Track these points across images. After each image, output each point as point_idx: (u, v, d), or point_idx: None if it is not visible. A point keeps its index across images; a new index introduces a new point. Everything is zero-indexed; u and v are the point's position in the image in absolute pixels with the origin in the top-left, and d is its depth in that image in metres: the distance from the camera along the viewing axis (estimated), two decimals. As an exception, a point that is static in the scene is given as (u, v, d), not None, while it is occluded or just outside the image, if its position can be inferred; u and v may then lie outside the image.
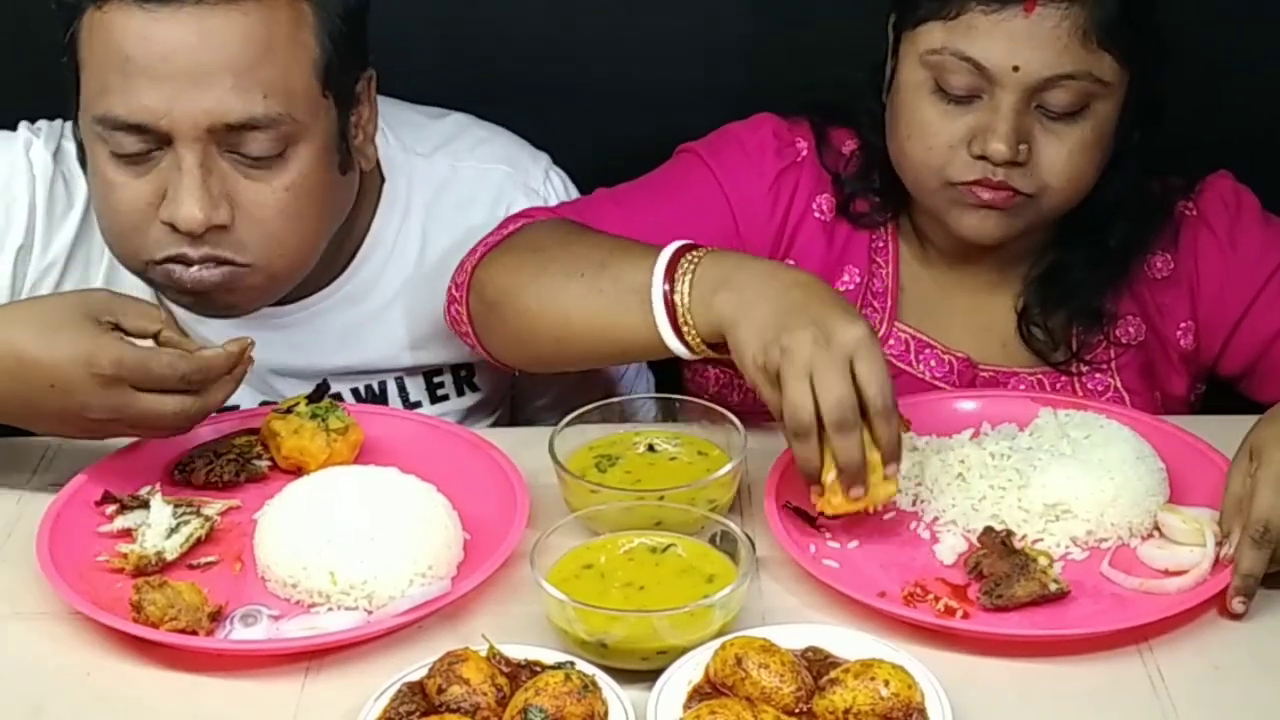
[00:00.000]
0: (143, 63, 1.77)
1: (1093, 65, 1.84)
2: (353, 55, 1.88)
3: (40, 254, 1.98)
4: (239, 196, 1.82)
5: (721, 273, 1.74)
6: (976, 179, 1.87)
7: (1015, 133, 1.84)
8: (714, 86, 2.36)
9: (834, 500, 1.68)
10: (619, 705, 1.49)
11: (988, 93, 1.85)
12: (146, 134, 1.79)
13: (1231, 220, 2.03)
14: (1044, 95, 1.85)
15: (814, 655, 1.55)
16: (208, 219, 1.80)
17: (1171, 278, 2.03)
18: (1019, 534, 1.72)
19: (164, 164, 1.81)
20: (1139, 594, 1.67)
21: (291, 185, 1.84)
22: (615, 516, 1.69)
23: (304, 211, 1.86)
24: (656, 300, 1.76)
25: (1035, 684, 1.58)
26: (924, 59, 1.87)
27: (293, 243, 1.87)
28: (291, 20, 1.81)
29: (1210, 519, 1.72)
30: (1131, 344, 2.04)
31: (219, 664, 1.60)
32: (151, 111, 1.78)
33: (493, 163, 2.09)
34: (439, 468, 1.80)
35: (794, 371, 1.64)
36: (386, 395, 2.10)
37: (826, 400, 1.63)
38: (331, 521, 1.68)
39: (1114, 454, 1.77)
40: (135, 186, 1.82)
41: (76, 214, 1.99)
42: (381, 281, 2.05)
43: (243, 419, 1.93)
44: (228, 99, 1.78)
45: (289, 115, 1.81)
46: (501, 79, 2.27)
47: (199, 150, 1.79)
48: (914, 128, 1.90)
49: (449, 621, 1.65)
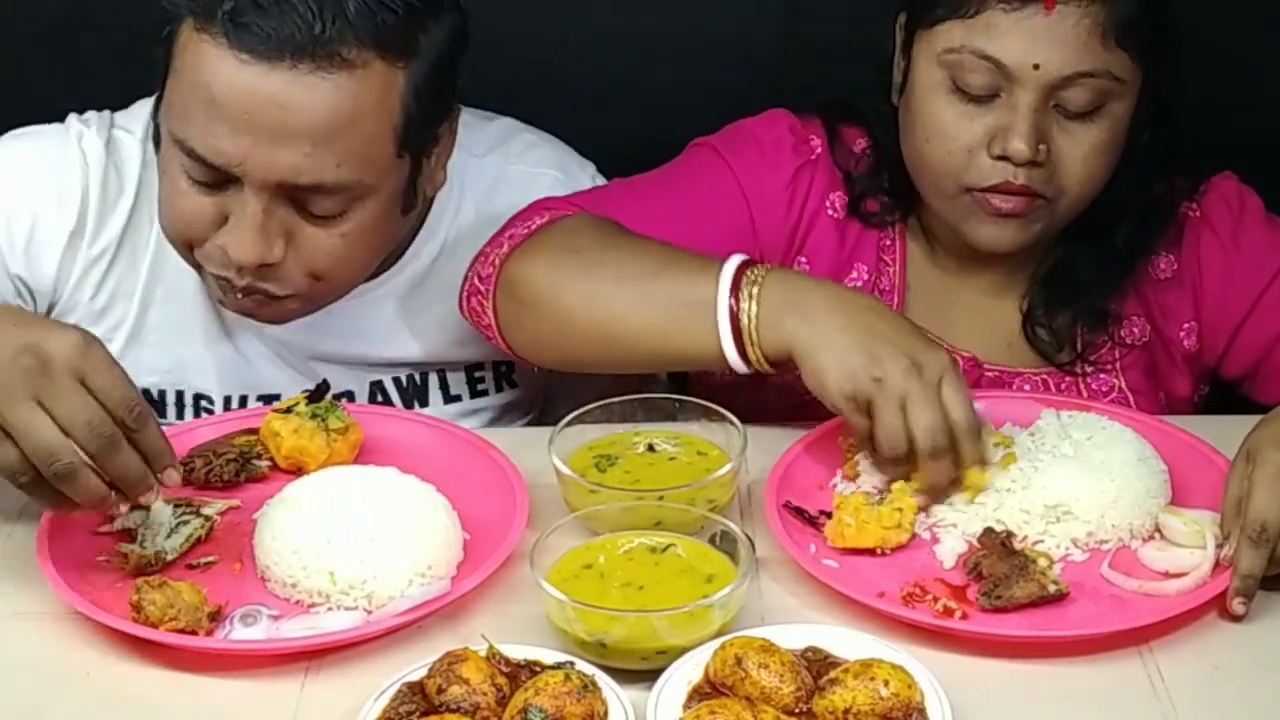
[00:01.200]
0: (227, 110, 1.77)
1: (1111, 63, 1.84)
2: (438, 107, 1.88)
3: (91, 242, 1.99)
4: (295, 237, 1.84)
5: (788, 294, 1.76)
6: (996, 184, 1.86)
7: (1035, 131, 1.84)
8: (721, 85, 2.35)
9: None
10: (619, 705, 1.49)
11: (1006, 91, 1.85)
12: (219, 170, 1.81)
13: (1234, 221, 2.03)
14: (1062, 94, 1.85)
15: (814, 655, 1.55)
16: (261, 259, 1.83)
17: (1175, 279, 2.03)
18: (1019, 535, 1.72)
19: (230, 194, 1.83)
20: (1139, 595, 1.67)
21: (349, 233, 1.86)
22: (615, 516, 1.69)
23: (355, 254, 1.89)
24: (722, 316, 1.76)
25: (1035, 684, 1.58)
26: (941, 58, 1.87)
27: (338, 279, 1.91)
28: (381, 88, 1.80)
29: (1211, 521, 1.71)
30: (1136, 344, 2.04)
31: (219, 664, 1.60)
32: (227, 157, 1.79)
33: (542, 167, 2.10)
34: (439, 468, 1.80)
35: (888, 403, 1.69)
36: (428, 387, 2.11)
37: (919, 428, 1.69)
38: (331, 521, 1.68)
39: (1115, 455, 1.77)
40: (200, 202, 1.84)
41: (127, 203, 2.00)
42: (430, 277, 2.06)
43: (243, 419, 1.93)
44: (301, 163, 1.79)
45: (359, 181, 1.82)
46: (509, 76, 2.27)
47: (265, 198, 1.81)
48: (932, 130, 1.89)
49: (449, 621, 1.65)
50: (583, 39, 2.37)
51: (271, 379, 2.05)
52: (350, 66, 1.77)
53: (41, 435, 1.55)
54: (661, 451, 1.82)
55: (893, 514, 1.71)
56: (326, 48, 1.76)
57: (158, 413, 2.04)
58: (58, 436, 1.56)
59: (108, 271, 2.00)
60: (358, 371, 2.08)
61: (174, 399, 2.06)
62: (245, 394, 2.06)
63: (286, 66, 1.76)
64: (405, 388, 2.10)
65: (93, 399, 1.57)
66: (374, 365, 2.08)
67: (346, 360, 2.07)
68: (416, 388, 2.11)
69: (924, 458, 1.70)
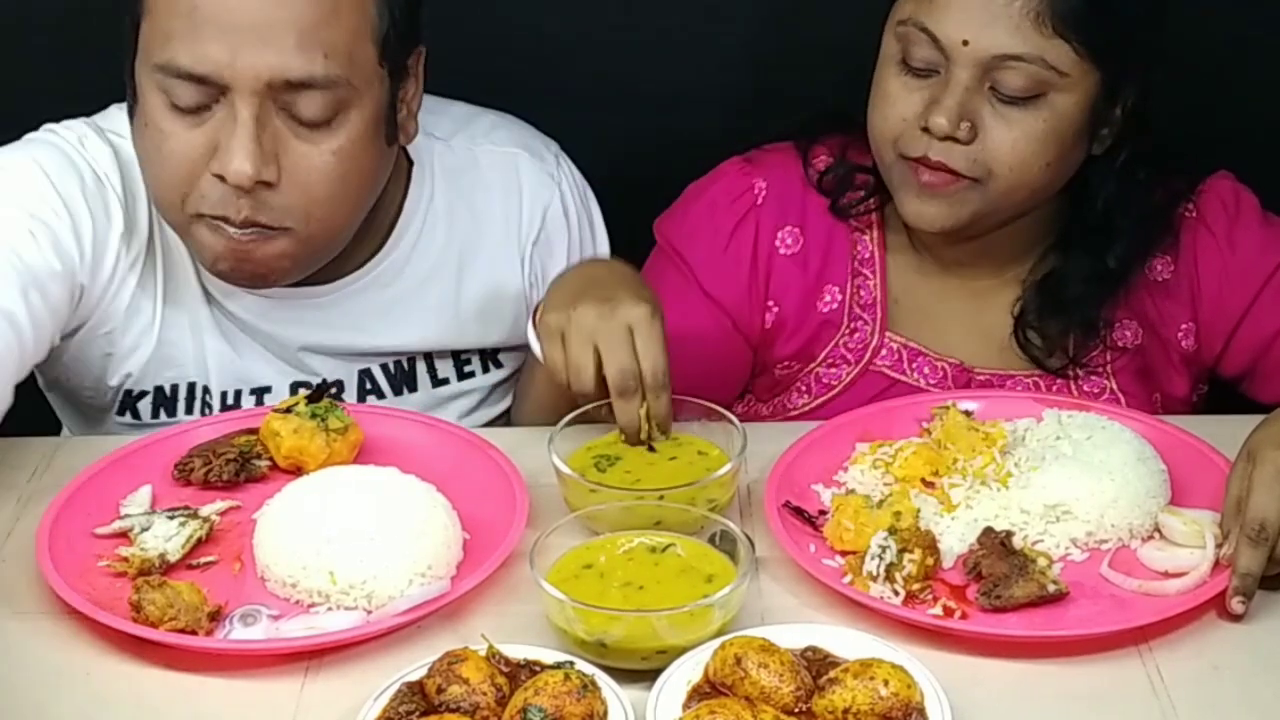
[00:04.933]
0: (209, 12, 1.79)
1: (1046, 51, 1.85)
2: (409, 28, 1.91)
3: (130, 245, 1.98)
4: (287, 158, 1.84)
5: None
6: (921, 154, 1.89)
7: (959, 108, 1.86)
8: (719, 87, 2.36)
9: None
10: (618, 705, 1.49)
11: (944, 68, 1.87)
12: (206, 85, 1.81)
13: (1230, 221, 2.03)
14: (996, 75, 1.86)
15: (813, 655, 1.55)
16: (257, 173, 1.82)
17: (1172, 280, 2.04)
18: (1019, 535, 1.72)
19: (218, 116, 1.83)
20: (1138, 595, 1.67)
21: (339, 150, 1.86)
22: (615, 516, 1.69)
23: (348, 177, 1.89)
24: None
25: (1035, 684, 1.58)
26: (895, 30, 1.91)
27: (331, 208, 1.90)
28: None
29: (1211, 521, 1.71)
30: (1128, 348, 2.04)
31: (219, 664, 1.60)
32: (214, 62, 1.80)
33: (509, 147, 2.12)
34: (439, 468, 1.80)
35: (575, 337, 1.79)
36: (415, 373, 2.12)
37: (609, 367, 1.78)
38: (331, 521, 1.68)
39: (1115, 455, 1.77)
40: (188, 137, 1.84)
41: (144, 205, 1.99)
42: (410, 264, 2.06)
43: (243, 419, 1.93)
44: (290, 56, 1.80)
45: (346, 79, 1.84)
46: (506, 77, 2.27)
47: (255, 105, 1.81)
48: (878, 98, 1.93)
49: (448, 621, 1.65)
50: (583, 39, 2.36)
51: (262, 373, 2.06)
52: None
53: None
54: (661, 451, 1.82)
55: (891, 517, 1.71)
56: None
57: (169, 412, 2.05)
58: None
59: (142, 271, 2.00)
60: (346, 361, 2.08)
61: (185, 393, 2.06)
62: (239, 388, 2.06)
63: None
64: (393, 374, 2.11)
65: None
66: (362, 355, 2.09)
67: (335, 351, 2.07)
68: (404, 374, 2.11)
69: (614, 394, 1.77)
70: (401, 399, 2.10)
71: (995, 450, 1.81)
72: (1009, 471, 1.77)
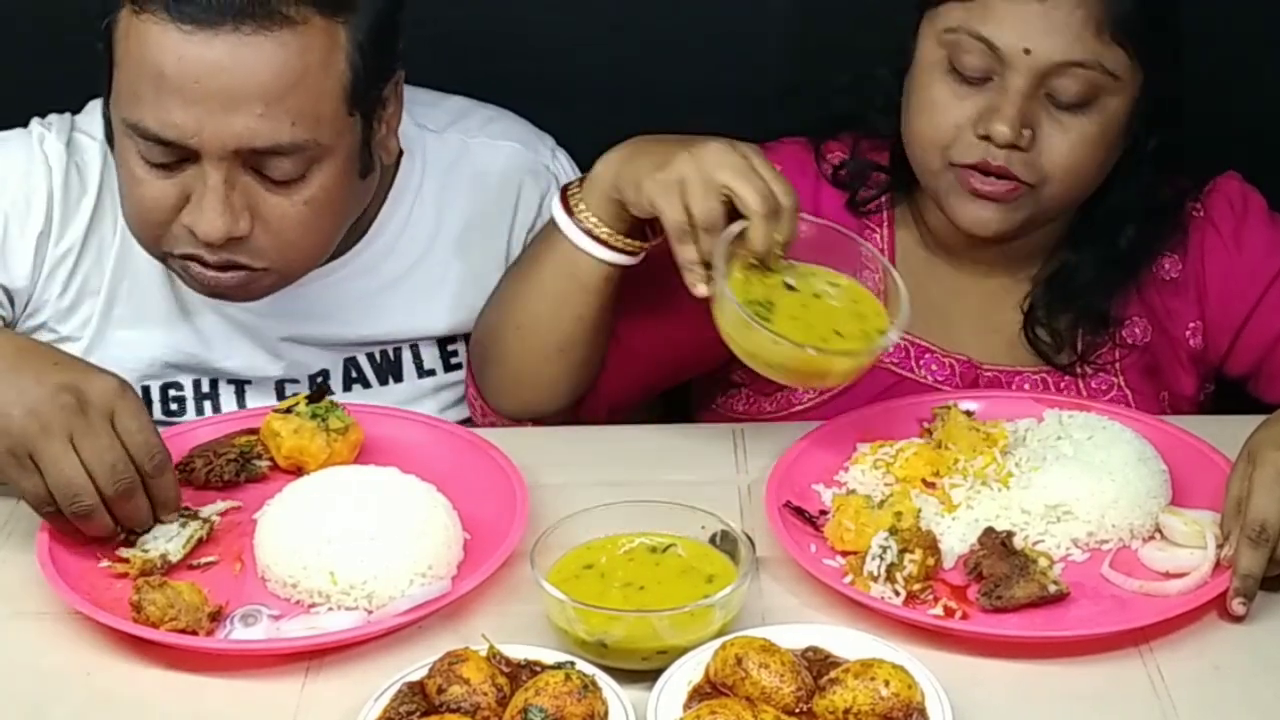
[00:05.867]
0: (176, 82, 1.78)
1: (1104, 56, 1.85)
2: (381, 65, 1.89)
3: (57, 241, 2.00)
4: (260, 209, 1.85)
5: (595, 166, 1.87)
6: (977, 161, 1.88)
7: (1020, 116, 1.85)
8: (724, 85, 2.35)
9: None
10: (619, 705, 1.49)
11: (998, 75, 1.87)
12: (174, 148, 1.81)
13: (1237, 220, 2.03)
14: (1053, 82, 1.86)
15: (814, 655, 1.55)
16: (228, 232, 1.83)
17: (1180, 279, 2.04)
18: (1020, 535, 1.72)
19: (189, 172, 1.83)
20: (1139, 595, 1.67)
21: (311, 199, 1.86)
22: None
23: (321, 221, 1.89)
24: (567, 227, 1.86)
25: (1035, 684, 1.58)
26: (941, 38, 1.89)
27: (308, 247, 1.91)
28: (324, 47, 1.81)
29: (1212, 521, 1.71)
30: (1137, 345, 2.04)
31: (219, 664, 1.60)
32: (181, 130, 1.79)
33: (503, 139, 2.12)
34: (439, 468, 1.80)
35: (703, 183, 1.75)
36: (401, 362, 2.12)
37: (750, 196, 1.74)
38: (331, 521, 1.68)
39: (1116, 455, 1.77)
40: (160, 186, 1.84)
41: (89, 202, 2.00)
42: (395, 252, 2.06)
43: (243, 419, 1.93)
44: (256, 125, 1.79)
45: (314, 140, 1.83)
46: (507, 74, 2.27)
47: (224, 168, 1.81)
48: (924, 104, 1.91)
49: (449, 621, 1.65)
50: (584, 37, 2.36)
51: (240, 366, 2.05)
52: (292, 23, 1.78)
53: (67, 474, 1.65)
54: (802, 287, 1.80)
55: (892, 517, 1.71)
56: (266, 6, 1.77)
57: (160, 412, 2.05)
58: (82, 476, 1.65)
59: (74, 270, 2.01)
60: (330, 351, 2.08)
61: (141, 394, 2.05)
62: (215, 379, 2.06)
63: (229, 30, 1.77)
64: (379, 363, 2.11)
65: (119, 444, 1.67)
66: (346, 344, 2.09)
67: (318, 340, 2.07)
68: (390, 363, 2.11)
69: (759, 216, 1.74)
70: (387, 389, 2.10)
71: (996, 450, 1.81)
72: (1010, 472, 1.77)
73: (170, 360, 2.04)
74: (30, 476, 1.66)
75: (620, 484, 1.79)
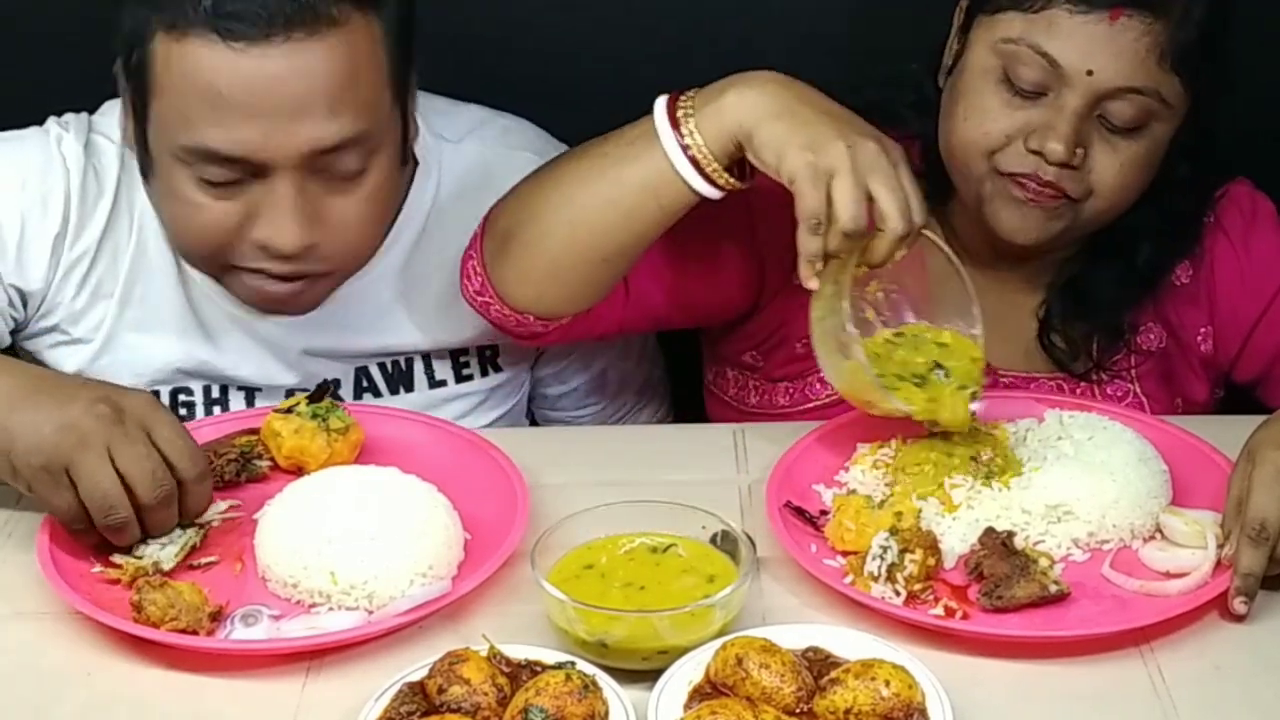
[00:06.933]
0: (237, 99, 1.78)
1: (1162, 84, 1.84)
2: (407, 51, 1.91)
3: (73, 243, 1.99)
4: (325, 214, 1.86)
5: (713, 97, 1.78)
6: (1029, 172, 1.86)
7: (1075, 135, 1.83)
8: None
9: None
10: (619, 705, 1.49)
11: (1055, 91, 1.84)
12: (241, 164, 1.82)
13: (1247, 226, 2.03)
14: (1108, 105, 1.84)
15: (814, 655, 1.55)
16: (305, 241, 1.85)
17: (1191, 285, 2.03)
18: (1020, 535, 1.72)
19: (254, 189, 1.84)
20: (1140, 595, 1.67)
21: (371, 193, 1.89)
22: None
23: (380, 215, 1.93)
24: (660, 119, 1.79)
25: (1036, 684, 1.58)
26: (998, 46, 1.86)
27: (367, 244, 1.95)
28: (367, 38, 1.83)
29: (1213, 522, 1.71)
30: (1152, 351, 2.04)
31: (220, 664, 1.60)
32: (249, 145, 1.80)
33: (520, 150, 2.11)
34: (439, 468, 1.80)
35: (852, 178, 1.70)
36: (413, 373, 2.12)
37: (889, 204, 1.71)
38: (332, 521, 1.68)
39: (1117, 455, 1.77)
40: (222, 208, 1.85)
41: (106, 204, 2.00)
42: (411, 263, 2.06)
43: (244, 419, 1.93)
44: (323, 126, 1.81)
45: (373, 130, 1.85)
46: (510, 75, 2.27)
47: (294, 177, 1.82)
48: (973, 110, 1.89)
49: (449, 621, 1.65)
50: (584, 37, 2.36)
51: (251, 373, 2.05)
52: (336, 23, 1.80)
53: (104, 486, 1.64)
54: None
55: (892, 517, 1.71)
56: (313, 11, 1.78)
57: None
58: (118, 488, 1.65)
59: (88, 272, 2.00)
60: (344, 362, 2.09)
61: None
62: (225, 384, 2.06)
63: (282, 40, 1.77)
64: (390, 374, 2.11)
65: (157, 452, 1.67)
66: (360, 355, 2.09)
67: (336, 352, 2.07)
68: (401, 373, 2.11)
69: (893, 231, 1.73)
70: (398, 399, 2.10)
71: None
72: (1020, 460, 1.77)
73: (181, 366, 2.04)
74: (63, 493, 1.65)
75: (621, 484, 1.79)
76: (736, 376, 2.12)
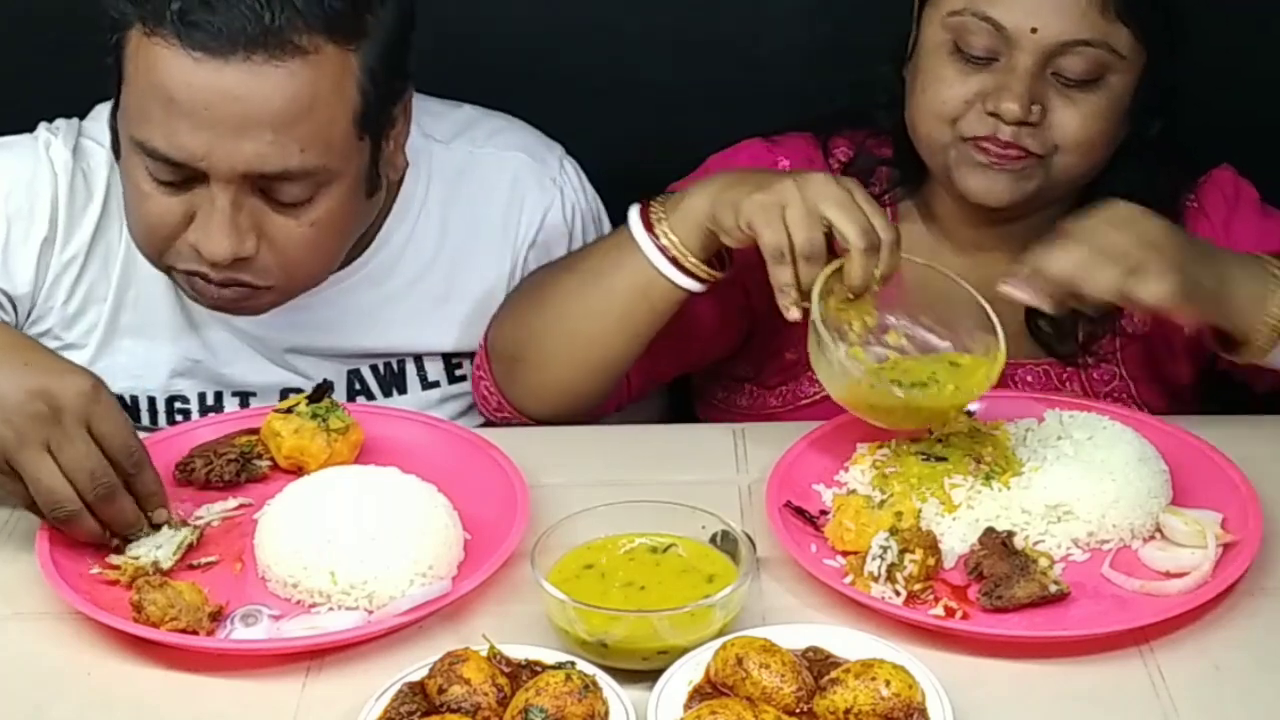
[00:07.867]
0: (186, 107, 1.78)
1: (1109, 35, 1.88)
2: (392, 87, 1.88)
3: (62, 248, 2.00)
4: (266, 229, 1.85)
5: (683, 193, 1.88)
6: (987, 134, 1.90)
7: (1029, 94, 1.88)
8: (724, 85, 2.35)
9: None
10: (619, 705, 1.49)
11: (1005, 55, 1.89)
12: (182, 168, 1.81)
13: (1229, 210, 2.05)
14: (1060, 61, 1.88)
15: (814, 655, 1.55)
16: (234, 253, 1.83)
17: None
18: (1020, 535, 1.72)
19: (197, 191, 1.83)
20: (1140, 595, 1.67)
21: (318, 221, 1.86)
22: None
23: (327, 241, 1.90)
24: (635, 227, 1.87)
25: (1036, 684, 1.58)
26: (945, 21, 1.91)
27: (312, 267, 1.92)
28: (336, 74, 1.81)
29: (1213, 521, 1.72)
30: (1137, 334, 2.05)
31: (220, 664, 1.60)
32: (189, 153, 1.79)
33: (511, 150, 2.11)
34: (439, 468, 1.80)
35: (804, 210, 1.77)
36: (405, 374, 2.11)
37: (850, 228, 1.77)
38: (332, 521, 1.68)
39: (1117, 455, 1.77)
40: (167, 203, 1.84)
41: (95, 209, 2.00)
42: (400, 264, 2.06)
43: (243, 419, 1.93)
44: (265, 151, 1.79)
45: (323, 166, 1.83)
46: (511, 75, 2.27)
47: (232, 190, 1.81)
48: (930, 82, 1.94)
49: (449, 621, 1.65)
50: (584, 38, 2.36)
51: (245, 375, 2.06)
52: (303, 52, 1.78)
53: (47, 482, 1.65)
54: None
55: (892, 517, 1.71)
56: (278, 36, 1.76)
57: (132, 419, 2.03)
58: (62, 484, 1.66)
59: (79, 277, 2.01)
60: (334, 362, 2.08)
61: (147, 404, 2.06)
62: (220, 390, 2.06)
63: (240, 59, 1.76)
64: (383, 375, 2.11)
65: (96, 448, 1.66)
66: (350, 355, 2.09)
67: (322, 352, 2.07)
68: (394, 375, 2.11)
69: (864, 250, 1.78)
70: (391, 401, 2.10)
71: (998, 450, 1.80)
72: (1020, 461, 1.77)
73: (176, 369, 2.04)
74: (14, 483, 1.66)
75: (620, 484, 1.79)
76: (727, 383, 2.14)
